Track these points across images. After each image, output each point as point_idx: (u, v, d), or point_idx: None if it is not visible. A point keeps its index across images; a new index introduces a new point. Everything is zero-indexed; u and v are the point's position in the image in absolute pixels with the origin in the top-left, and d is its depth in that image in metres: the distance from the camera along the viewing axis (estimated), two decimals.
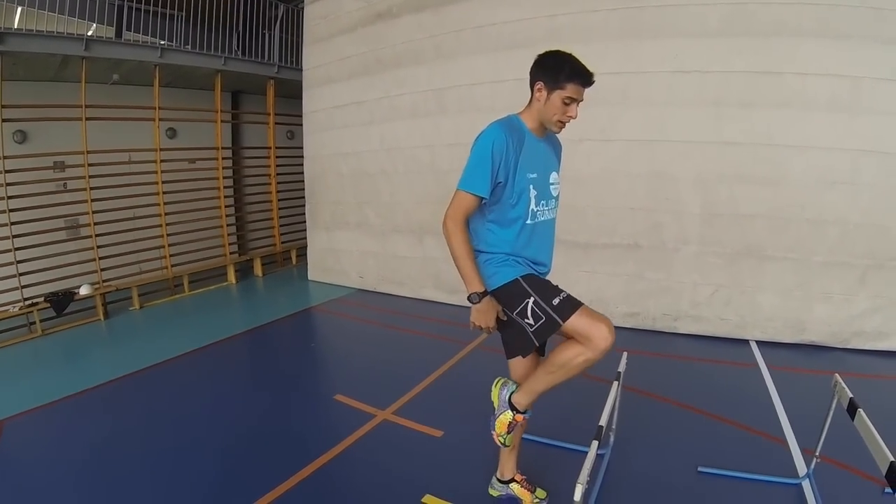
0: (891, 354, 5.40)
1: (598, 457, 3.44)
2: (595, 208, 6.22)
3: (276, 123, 10.13)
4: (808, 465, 3.34)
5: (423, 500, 3.20)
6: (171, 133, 9.30)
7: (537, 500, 3.11)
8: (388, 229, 8.10)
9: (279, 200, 10.44)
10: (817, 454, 3.18)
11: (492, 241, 2.49)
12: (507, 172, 2.36)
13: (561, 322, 2.33)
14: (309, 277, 9.28)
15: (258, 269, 9.76)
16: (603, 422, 2.52)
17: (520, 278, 2.45)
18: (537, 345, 2.46)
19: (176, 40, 8.95)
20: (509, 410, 2.67)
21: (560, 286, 2.46)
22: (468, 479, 3.37)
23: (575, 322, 2.32)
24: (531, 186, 2.44)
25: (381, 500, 3.27)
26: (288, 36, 10.07)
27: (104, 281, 7.69)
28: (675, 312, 6.11)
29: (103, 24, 8.29)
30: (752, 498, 3.19)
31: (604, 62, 5.88)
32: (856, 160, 5.20)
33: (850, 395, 2.73)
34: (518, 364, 2.78)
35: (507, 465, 3.11)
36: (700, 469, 3.45)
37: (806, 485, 3.26)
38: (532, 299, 2.38)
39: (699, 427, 4.03)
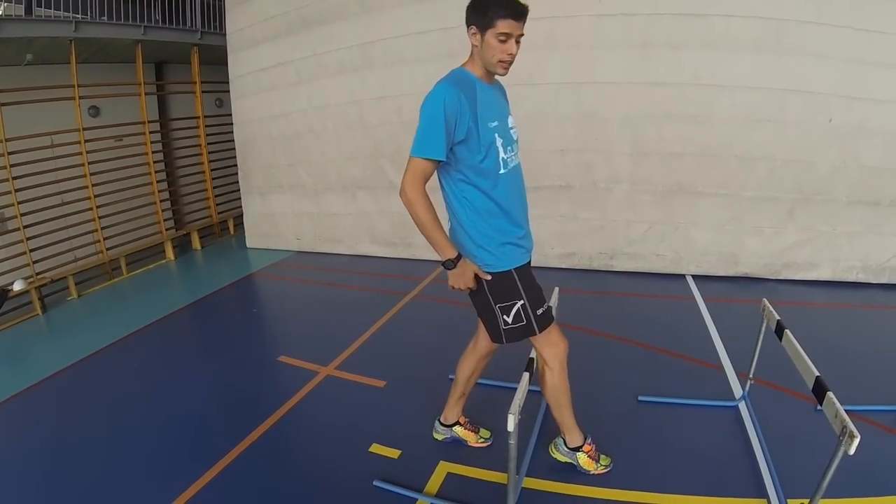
0: (820, 284, 5.64)
1: (537, 393, 3.52)
2: (525, 151, 6.12)
3: (204, 92, 9.77)
4: (743, 388, 3.47)
5: (370, 449, 3.23)
6: (94, 111, 8.84)
7: (482, 440, 3.15)
8: (321, 188, 8.04)
9: (212, 171, 10.13)
10: (751, 377, 3.32)
11: (471, 210, 2.40)
12: (467, 128, 2.23)
13: (536, 333, 2.49)
14: (247, 245, 9.13)
15: (196, 242, 9.49)
16: (534, 354, 2.56)
17: (514, 272, 2.44)
18: (503, 343, 2.56)
19: (91, 12, 8.47)
20: (578, 453, 2.86)
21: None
22: (413, 426, 3.42)
23: (541, 338, 2.53)
24: (496, 135, 2.34)
25: (331, 452, 3.30)
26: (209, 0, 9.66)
27: (38, 273, 7.34)
28: (611, 251, 6.26)
29: (11, 2, 7.79)
30: (692, 421, 3.32)
31: (530, 8, 5.91)
32: (782, 99, 5.34)
33: (778, 318, 2.83)
34: None
35: (453, 411, 3.14)
36: (640, 398, 3.55)
37: (742, 406, 3.40)
38: (521, 303, 2.44)
39: (638, 359, 4.15)
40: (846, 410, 1.95)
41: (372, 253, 7.78)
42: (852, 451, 1.85)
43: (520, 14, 2.22)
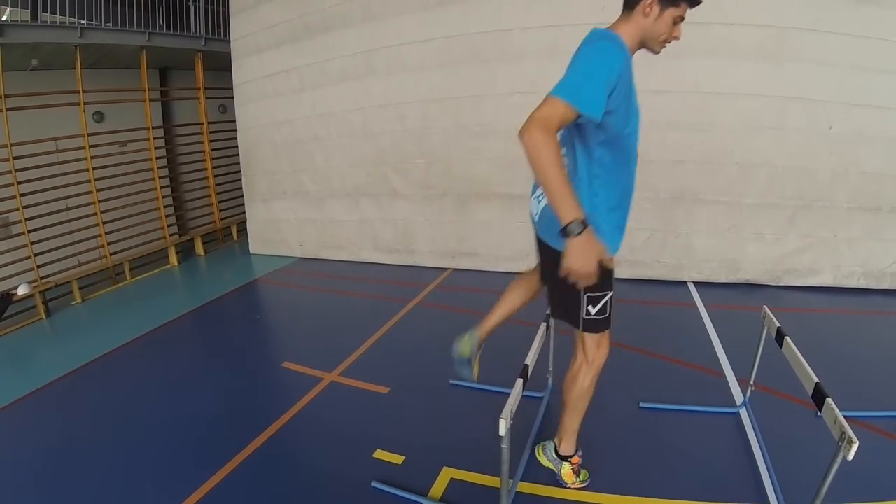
0: (821, 290, 5.66)
1: (537, 399, 3.57)
2: (526, 159, 6.20)
3: (207, 98, 9.83)
4: (744, 394, 3.50)
5: (374, 455, 3.25)
6: (99, 117, 8.92)
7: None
8: (324, 195, 8.10)
9: (216, 176, 10.20)
10: (752, 383, 3.34)
11: (601, 184, 2.16)
12: (618, 100, 1.96)
13: (608, 328, 2.43)
14: (251, 251, 9.17)
15: (199, 248, 9.54)
16: (528, 360, 2.59)
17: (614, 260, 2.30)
18: (579, 329, 2.41)
19: (96, 18, 8.53)
20: (564, 463, 2.81)
21: None
22: (416, 431, 3.46)
23: (601, 338, 2.46)
24: (639, 112, 2.17)
25: (334, 458, 3.31)
26: (214, 6, 9.70)
27: (42, 278, 7.35)
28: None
29: (17, 7, 7.84)
30: (693, 428, 3.33)
31: (532, 16, 5.98)
32: (782, 106, 5.37)
33: (778, 325, 2.86)
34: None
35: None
36: (641, 405, 3.57)
37: (743, 413, 3.42)
38: (611, 294, 2.34)
39: (640, 366, 4.17)
40: (846, 416, 1.97)
41: (375, 260, 7.81)
42: (851, 456, 1.87)
43: (698, 4, 2.06)
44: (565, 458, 2.80)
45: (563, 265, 1.86)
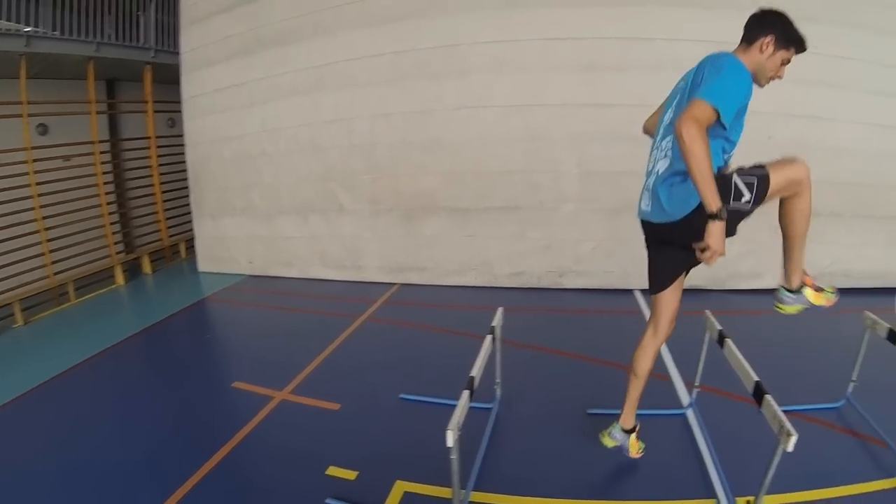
0: (764, 292, 5.82)
1: (485, 410, 3.61)
2: (473, 173, 6.42)
3: (156, 111, 9.61)
4: (690, 395, 3.63)
5: (326, 471, 3.23)
6: (43, 129, 8.56)
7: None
8: (273, 211, 8.05)
9: (163, 192, 9.93)
10: (697, 384, 3.46)
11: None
12: (739, 114, 2.32)
13: (767, 172, 2.42)
14: (199, 269, 8.99)
15: (147, 266, 9.30)
16: (474, 373, 2.66)
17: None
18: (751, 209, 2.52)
19: (43, 26, 8.29)
20: (805, 289, 3.03)
21: None
22: (369, 446, 3.46)
23: (778, 169, 2.45)
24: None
25: (288, 477, 3.27)
26: (164, 17, 9.49)
27: None
28: (560, 269, 6.39)
29: None
30: (642, 431, 3.35)
31: (481, 32, 6.07)
32: None
33: (719, 328, 3.02)
34: (668, 298, 2.97)
35: (633, 415, 3.11)
36: (589, 411, 3.64)
37: (690, 413, 3.55)
38: (734, 174, 2.40)
39: (587, 374, 4.27)
40: (789, 410, 2.09)
41: (323, 276, 7.81)
42: (791, 447, 1.96)
43: (804, 50, 2.46)
44: (800, 288, 2.99)
45: (705, 241, 2.19)
